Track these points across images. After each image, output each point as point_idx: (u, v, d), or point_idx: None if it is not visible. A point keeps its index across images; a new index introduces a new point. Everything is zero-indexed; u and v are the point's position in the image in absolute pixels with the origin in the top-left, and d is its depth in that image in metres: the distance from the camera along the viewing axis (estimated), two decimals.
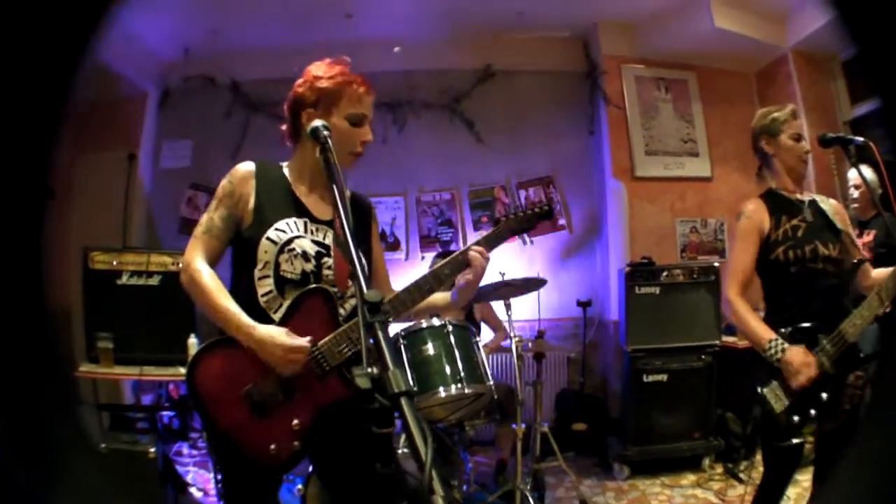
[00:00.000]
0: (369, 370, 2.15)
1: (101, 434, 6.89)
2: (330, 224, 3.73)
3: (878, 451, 1.61)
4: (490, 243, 3.73)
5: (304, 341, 3.38)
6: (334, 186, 2.99)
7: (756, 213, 4.72)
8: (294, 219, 3.66)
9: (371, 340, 2.25)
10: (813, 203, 4.79)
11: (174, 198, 10.30)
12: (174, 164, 10.35)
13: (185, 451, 8.49)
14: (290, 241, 3.58)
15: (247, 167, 3.72)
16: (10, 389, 1.53)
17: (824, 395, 4.37)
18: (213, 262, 3.62)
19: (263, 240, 3.57)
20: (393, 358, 2.11)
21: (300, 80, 3.72)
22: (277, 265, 3.56)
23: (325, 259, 3.65)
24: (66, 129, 1.56)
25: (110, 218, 9.54)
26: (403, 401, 1.95)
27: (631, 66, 10.40)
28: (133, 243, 9.44)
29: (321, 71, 3.69)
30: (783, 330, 4.50)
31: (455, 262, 3.66)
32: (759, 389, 4.51)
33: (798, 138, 4.79)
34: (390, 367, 2.05)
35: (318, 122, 3.30)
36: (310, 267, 3.60)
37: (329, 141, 3.20)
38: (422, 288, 3.59)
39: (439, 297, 3.88)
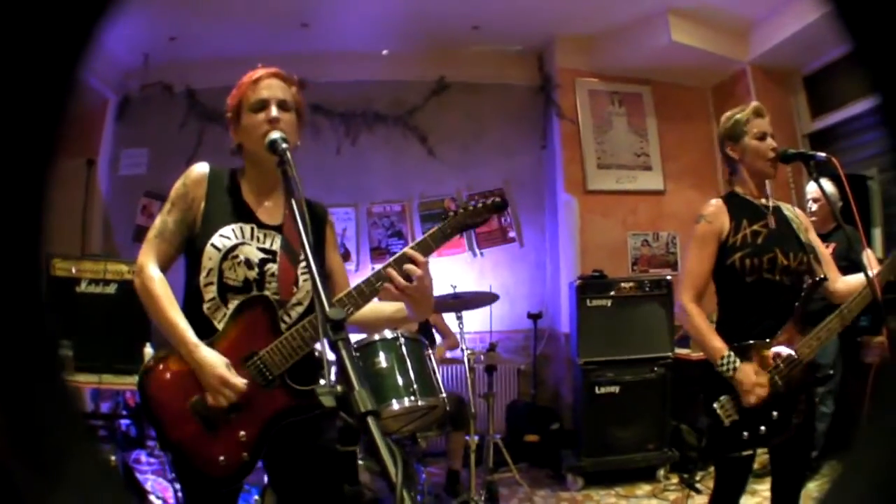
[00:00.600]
0: (331, 386, 2.13)
1: None
2: (278, 229, 3.72)
3: (871, 466, 1.63)
4: (438, 240, 3.58)
5: (240, 381, 3.36)
6: (293, 201, 2.90)
7: (716, 218, 4.55)
8: (240, 224, 3.65)
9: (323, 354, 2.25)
10: (777, 210, 4.66)
11: (131, 205, 10.26)
12: (131, 171, 10.34)
13: (144, 458, 8.45)
14: (234, 247, 3.58)
15: (201, 169, 3.73)
16: (9, 382, 1.54)
17: (775, 414, 4.31)
18: (166, 267, 3.63)
19: (208, 246, 3.57)
20: (358, 378, 2.08)
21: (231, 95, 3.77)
22: (221, 272, 3.57)
23: (269, 265, 3.63)
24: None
25: (69, 225, 9.46)
26: (370, 420, 1.94)
27: (585, 80, 10.43)
28: (91, 250, 9.51)
29: (238, 83, 3.73)
30: (736, 344, 4.38)
31: (399, 260, 3.51)
32: (712, 404, 4.39)
33: (762, 136, 4.61)
34: (356, 387, 2.03)
35: (275, 135, 3.30)
36: (252, 275, 3.59)
37: (287, 154, 3.19)
38: (365, 292, 3.47)
39: (393, 307, 3.81)
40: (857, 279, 4.52)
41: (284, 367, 3.46)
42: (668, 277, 8.83)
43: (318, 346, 3.55)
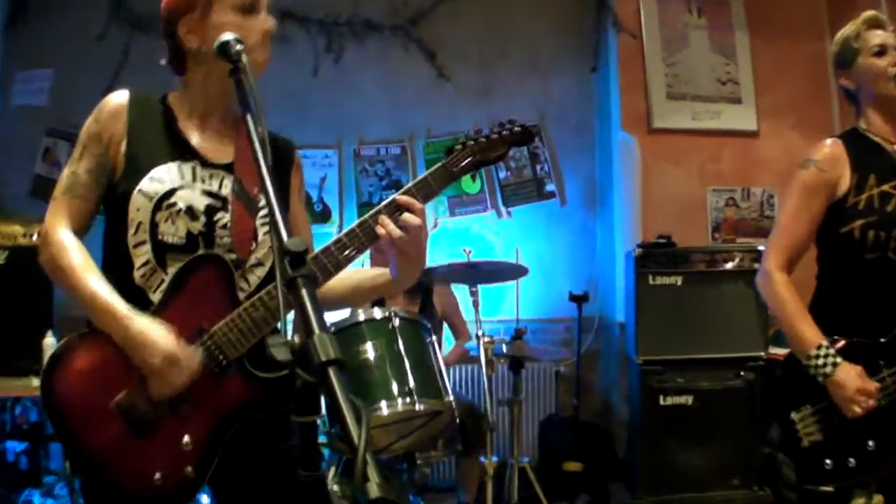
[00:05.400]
0: (288, 339, 2.10)
1: None
2: (229, 168, 3.69)
3: None
4: (441, 179, 3.56)
5: (195, 356, 3.30)
6: (248, 117, 2.85)
7: (832, 166, 4.45)
8: (178, 163, 3.62)
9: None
10: None
11: (28, 148, 10.12)
12: (27, 100, 10.17)
13: (37, 500, 8.43)
14: (170, 193, 3.53)
15: (118, 99, 3.67)
16: None
17: (871, 443, 4.22)
18: (82, 229, 3.58)
19: (135, 194, 3.52)
20: (319, 322, 2.08)
21: None
22: (154, 226, 3.51)
23: (219, 214, 3.59)
24: None
25: None
26: (331, 371, 1.95)
27: None
28: None
29: None
30: (835, 338, 4.30)
31: (391, 207, 3.46)
32: (790, 414, 4.37)
33: (881, 51, 4.49)
34: (316, 332, 2.03)
35: (227, 36, 3.14)
36: (197, 227, 3.55)
37: (243, 57, 3.06)
38: (347, 247, 3.43)
39: (373, 272, 3.82)
40: None
41: (244, 349, 3.42)
42: (761, 248, 8.33)
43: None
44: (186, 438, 3.37)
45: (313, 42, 10.24)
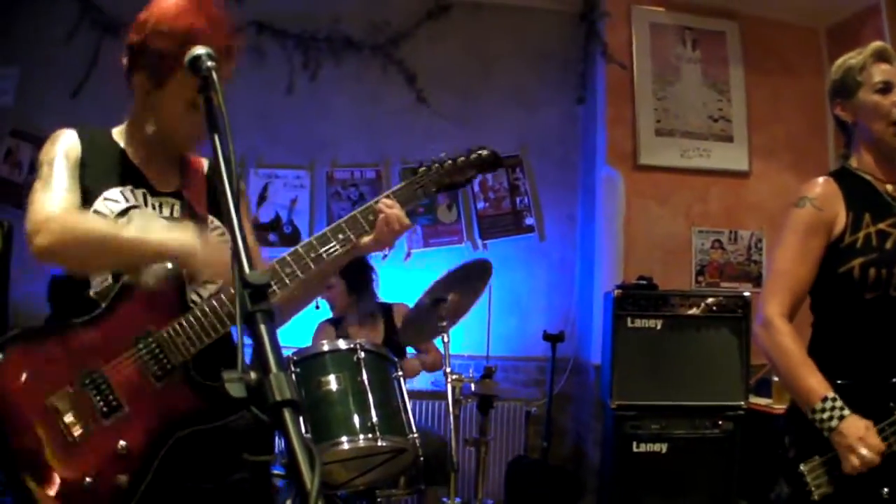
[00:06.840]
0: (244, 374, 2.09)
1: None
2: (177, 196, 3.77)
3: None
4: (404, 198, 3.63)
5: (210, 234, 3.39)
6: (217, 137, 2.71)
7: (827, 203, 4.39)
8: (130, 188, 3.67)
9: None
10: None
11: None
12: None
13: None
14: (125, 212, 3.57)
15: (69, 133, 3.72)
16: None
17: (885, 490, 4.09)
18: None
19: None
20: (277, 360, 2.09)
21: (138, 21, 3.60)
22: None
23: None
24: None
25: None
26: (286, 412, 1.96)
27: (645, 9, 10.31)
28: None
29: (162, 13, 3.54)
30: (839, 382, 4.20)
31: (355, 222, 3.54)
32: (798, 466, 4.22)
33: (885, 88, 4.42)
34: (273, 370, 2.04)
35: (200, 51, 2.98)
36: None
37: (214, 74, 2.93)
38: (304, 258, 3.47)
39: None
40: None
41: (190, 354, 3.41)
42: (747, 294, 8.59)
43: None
44: (122, 443, 3.31)
45: (289, 58, 10.19)
